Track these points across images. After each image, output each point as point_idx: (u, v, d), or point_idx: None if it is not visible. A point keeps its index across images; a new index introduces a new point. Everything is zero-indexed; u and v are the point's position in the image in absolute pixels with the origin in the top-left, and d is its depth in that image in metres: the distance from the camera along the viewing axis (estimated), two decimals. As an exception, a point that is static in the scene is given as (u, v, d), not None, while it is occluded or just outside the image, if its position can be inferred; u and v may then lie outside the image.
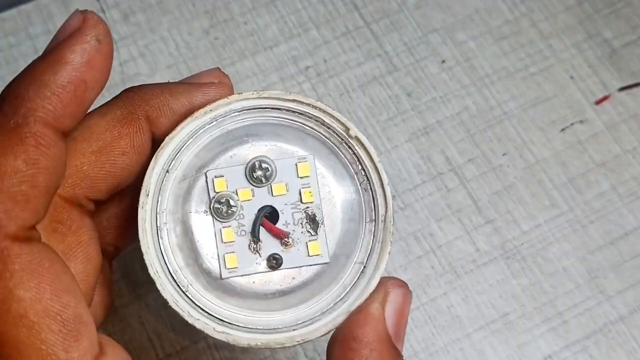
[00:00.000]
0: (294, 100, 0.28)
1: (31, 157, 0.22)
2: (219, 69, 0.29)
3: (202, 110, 0.27)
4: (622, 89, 0.45)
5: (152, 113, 0.27)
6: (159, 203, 0.27)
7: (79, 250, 0.25)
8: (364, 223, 0.28)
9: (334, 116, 0.28)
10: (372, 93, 0.45)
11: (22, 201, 0.22)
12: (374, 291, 0.27)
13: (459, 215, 0.42)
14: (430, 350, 0.39)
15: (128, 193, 0.29)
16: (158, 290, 0.26)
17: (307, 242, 0.28)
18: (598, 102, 0.45)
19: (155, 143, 0.28)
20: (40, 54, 0.46)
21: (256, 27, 0.46)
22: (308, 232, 0.28)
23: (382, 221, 0.28)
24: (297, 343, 0.27)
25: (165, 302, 0.26)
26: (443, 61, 0.46)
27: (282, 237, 0.28)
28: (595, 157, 0.44)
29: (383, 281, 0.27)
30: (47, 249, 0.22)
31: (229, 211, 0.27)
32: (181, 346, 0.39)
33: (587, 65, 0.46)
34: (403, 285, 0.27)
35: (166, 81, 0.44)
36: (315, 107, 0.28)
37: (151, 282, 0.27)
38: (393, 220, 0.28)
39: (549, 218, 0.42)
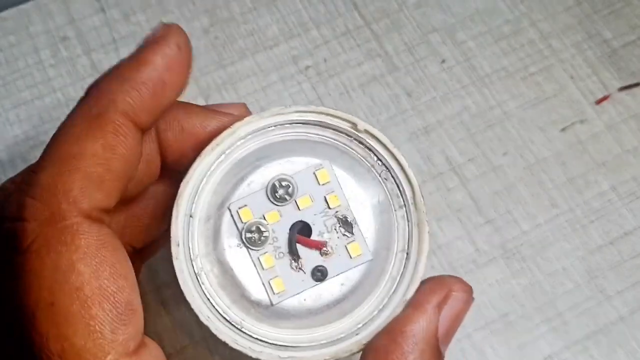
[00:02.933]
0: (295, 112, 0.28)
1: (109, 143, 0.23)
2: (245, 105, 0.30)
3: (208, 148, 0.27)
4: (622, 88, 0.45)
5: (161, 125, 0.28)
6: (190, 250, 0.27)
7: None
8: (394, 211, 0.28)
9: (338, 116, 0.28)
10: (372, 93, 0.45)
11: (97, 182, 0.23)
12: (430, 287, 0.26)
13: (459, 215, 0.42)
14: (430, 350, 0.39)
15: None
16: (215, 335, 0.26)
17: (346, 246, 0.28)
18: (598, 102, 0.45)
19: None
20: (40, 52, 0.46)
21: (256, 27, 0.46)
22: (344, 235, 0.28)
23: (412, 204, 0.28)
24: (363, 346, 0.27)
25: (225, 344, 0.26)
26: (443, 61, 0.46)
27: (320, 247, 0.27)
28: (595, 157, 0.44)
29: (445, 280, 0.27)
30: (113, 235, 0.24)
31: (262, 237, 0.27)
32: (181, 345, 0.39)
33: (587, 65, 0.46)
34: (468, 290, 0.27)
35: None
36: (318, 113, 0.28)
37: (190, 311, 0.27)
38: (423, 199, 0.28)
39: (548, 218, 0.42)
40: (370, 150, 0.28)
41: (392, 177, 0.28)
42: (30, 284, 0.22)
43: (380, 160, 0.28)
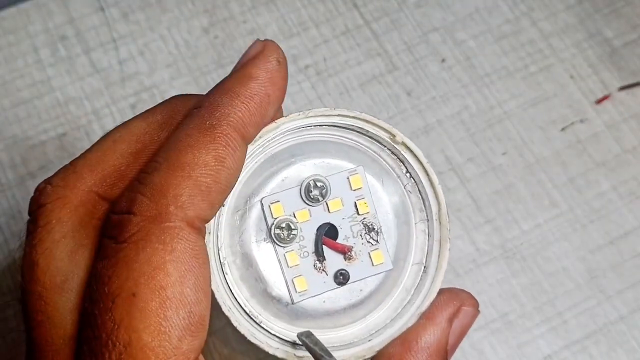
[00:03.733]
0: (339, 115, 0.28)
1: (220, 155, 0.25)
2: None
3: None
4: (623, 88, 0.45)
5: None
6: (218, 239, 0.27)
7: None
8: (414, 224, 0.28)
9: (378, 125, 0.28)
10: (372, 92, 0.44)
11: (205, 192, 0.24)
12: (444, 300, 0.27)
13: (458, 214, 0.42)
14: (430, 349, 0.39)
15: None
16: (234, 326, 0.26)
17: (369, 253, 0.28)
18: (598, 102, 0.45)
19: None
20: (39, 51, 0.46)
21: (256, 26, 0.46)
22: (369, 242, 0.28)
23: (436, 220, 0.28)
24: (376, 352, 0.27)
25: (243, 337, 0.26)
26: (443, 60, 0.45)
27: (345, 252, 0.28)
28: (595, 157, 0.43)
29: (458, 294, 0.28)
30: (205, 249, 0.24)
31: (290, 235, 0.27)
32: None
33: (587, 64, 0.46)
34: (476, 306, 0.28)
35: (169, 79, 0.44)
36: (360, 119, 0.28)
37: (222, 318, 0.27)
38: (449, 217, 0.28)
39: (548, 217, 0.42)
40: (401, 161, 0.29)
41: (419, 190, 0.29)
42: (119, 272, 0.23)
43: (410, 173, 0.29)
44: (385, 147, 0.28)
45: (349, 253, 0.28)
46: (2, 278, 0.40)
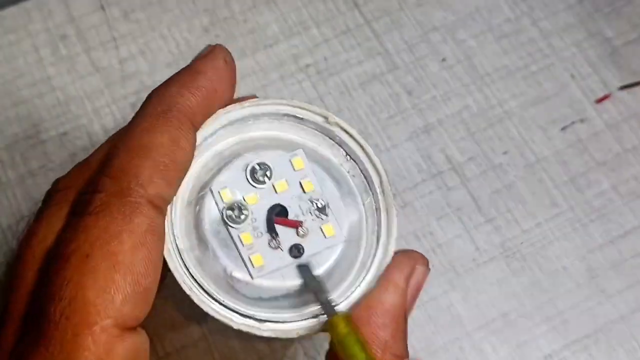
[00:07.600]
0: (272, 104, 0.30)
1: (173, 136, 0.27)
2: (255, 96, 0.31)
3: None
4: (623, 87, 0.45)
5: None
6: (173, 226, 0.28)
7: None
8: (362, 204, 0.30)
9: (311, 110, 0.30)
10: (373, 91, 0.44)
11: (163, 170, 0.26)
12: (400, 261, 0.29)
13: (459, 213, 0.42)
14: (430, 349, 0.39)
15: None
16: (197, 305, 0.27)
17: (320, 227, 0.29)
18: (599, 101, 0.45)
19: None
20: (39, 50, 0.47)
21: (256, 25, 0.46)
22: (318, 217, 0.29)
23: (380, 191, 0.30)
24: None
25: (206, 314, 0.27)
26: (443, 59, 0.45)
27: (296, 226, 0.29)
28: (595, 156, 0.44)
29: (411, 254, 0.29)
30: (163, 227, 0.26)
31: (242, 215, 0.29)
32: (181, 345, 0.39)
33: (587, 63, 0.46)
34: (427, 264, 0.30)
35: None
36: (292, 106, 0.30)
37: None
38: (390, 185, 0.29)
39: (549, 217, 0.42)
40: (339, 145, 0.30)
41: (360, 169, 0.30)
42: (78, 236, 0.25)
43: (349, 155, 0.30)
44: (323, 134, 0.30)
45: (301, 228, 0.29)
46: (3, 277, 0.40)
